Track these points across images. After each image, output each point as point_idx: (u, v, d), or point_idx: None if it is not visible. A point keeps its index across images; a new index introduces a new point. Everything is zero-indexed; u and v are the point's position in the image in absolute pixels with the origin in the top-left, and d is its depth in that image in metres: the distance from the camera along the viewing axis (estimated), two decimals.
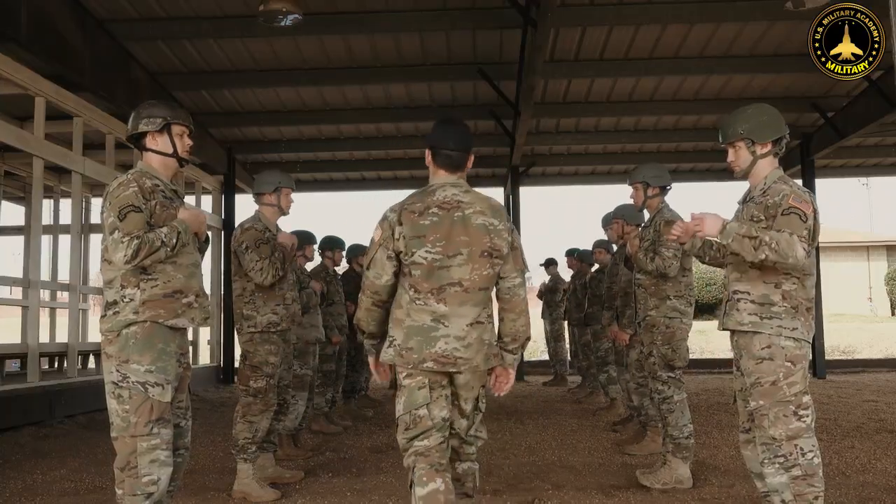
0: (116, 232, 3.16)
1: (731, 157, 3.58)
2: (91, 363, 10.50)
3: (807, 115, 11.55)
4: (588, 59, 9.53)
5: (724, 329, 3.53)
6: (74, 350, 8.94)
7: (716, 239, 3.47)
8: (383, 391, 10.08)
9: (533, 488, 4.75)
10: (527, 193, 20.56)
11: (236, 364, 5.07)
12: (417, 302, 3.06)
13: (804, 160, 12.37)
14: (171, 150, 3.43)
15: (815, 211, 3.33)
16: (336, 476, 5.23)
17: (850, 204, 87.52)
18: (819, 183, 12.68)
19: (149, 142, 3.41)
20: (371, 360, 3.31)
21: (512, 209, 13.68)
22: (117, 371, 3.18)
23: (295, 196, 5.14)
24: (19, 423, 7.25)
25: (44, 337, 10.95)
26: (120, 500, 3.17)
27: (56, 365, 10.90)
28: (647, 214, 5.33)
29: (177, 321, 3.27)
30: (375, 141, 12.69)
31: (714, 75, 10.09)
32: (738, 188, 3.69)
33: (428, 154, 3.22)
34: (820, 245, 3.47)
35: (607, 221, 7.34)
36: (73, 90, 8.51)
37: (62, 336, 10.09)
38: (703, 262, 3.77)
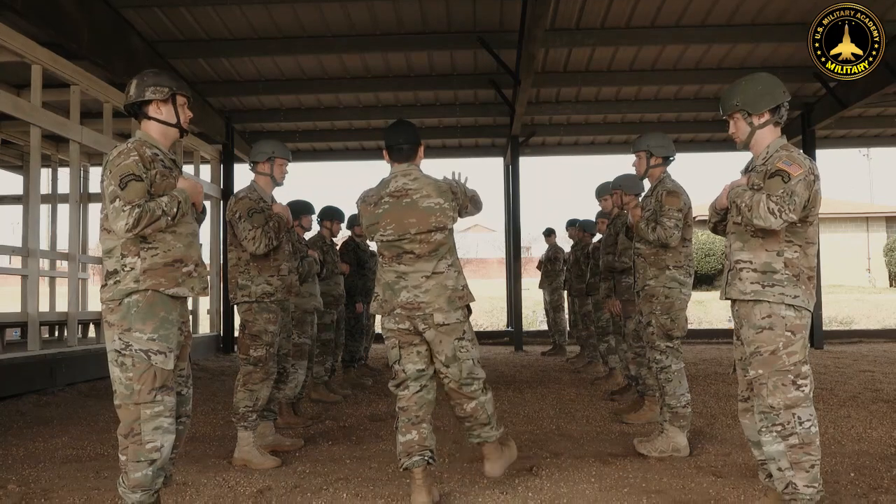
0: (117, 200, 3.14)
1: (731, 129, 3.59)
2: (91, 332, 10.54)
3: (808, 85, 11.49)
4: (589, 27, 9.45)
5: (726, 298, 3.53)
6: (74, 319, 8.97)
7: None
8: (382, 360, 10.13)
9: (531, 456, 4.79)
10: (527, 163, 20.55)
11: (236, 333, 5.09)
12: (385, 265, 3.85)
13: (805, 130, 12.33)
14: (174, 121, 3.42)
15: (814, 176, 3.31)
16: (335, 444, 5.28)
17: (850, 175, 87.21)
18: (820, 153, 12.67)
19: (152, 110, 3.39)
20: None
21: (511, 179, 13.67)
22: (119, 339, 3.19)
23: (294, 166, 5.12)
24: (20, 390, 7.30)
25: (43, 306, 10.98)
26: (123, 466, 3.19)
27: (56, 334, 10.95)
28: (647, 184, 5.32)
29: (177, 290, 3.27)
30: (374, 110, 12.61)
31: (716, 44, 10.03)
32: (738, 158, 3.69)
33: (385, 153, 3.97)
34: (819, 216, 3.46)
35: (602, 192, 7.32)
36: (70, 58, 8.46)
37: (62, 305, 10.12)
38: (715, 231, 3.78)
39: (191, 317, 6.77)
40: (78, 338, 9.21)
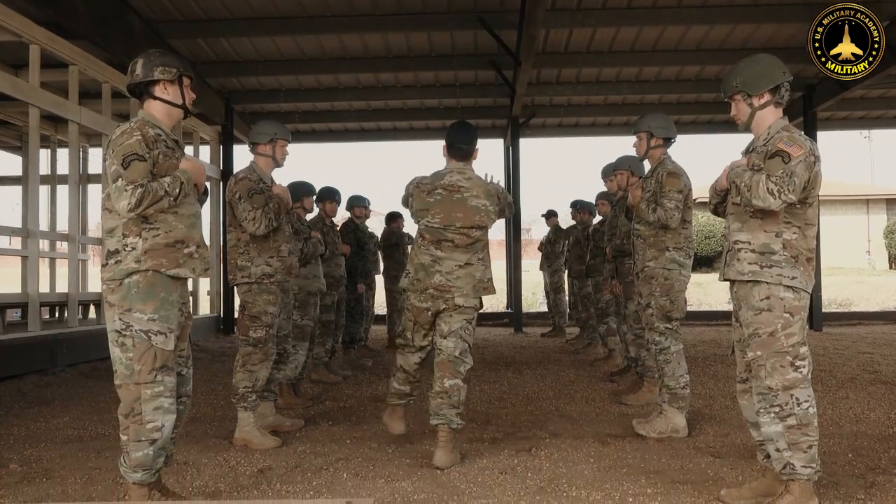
0: (120, 180, 3.13)
1: (732, 111, 3.58)
2: (91, 313, 10.56)
3: (810, 67, 11.34)
4: (590, 7, 9.39)
5: (725, 279, 3.53)
6: (74, 300, 8.98)
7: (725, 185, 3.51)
8: (382, 341, 10.15)
9: (530, 437, 4.82)
10: (527, 145, 20.49)
11: (236, 315, 5.10)
12: (423, 247, 4.30)
13: (806, 112, 12.26)
14: (180, 101, 3.42)
15: (815, 157, 3.30)
16: (336, 424, 5.30)
17: (851, 157, 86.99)
18: (821, 135, 12.60)
19: (158, 90, 3.37)
20: None
21: (512, 161, 13.62)
22: (120, 319, 3.19)
23: (294, 147, 5.11)
24: (21, 371, 7.32)
25: (44, 287, 10.99)
26: (124, 446, 3.20)
27: (56, 315, 10.96)
28: (647, 165, 5.31)
29: (178, 271, 3.27)
30: (374, 91, 12.54)
31: (718, 25, 9.96)
32: (740, 140, 3.69)
33: (444, 148, 4.37)
34: (819, 197, 3.46)
35: (608, 172, 7.30)
36: (69, 38, 8.39)
37: (62, 286, 10.13)
38: (716, 213, 3.76)
39: (191, 298, 6.77)
40: (78, 318, 9.23)
